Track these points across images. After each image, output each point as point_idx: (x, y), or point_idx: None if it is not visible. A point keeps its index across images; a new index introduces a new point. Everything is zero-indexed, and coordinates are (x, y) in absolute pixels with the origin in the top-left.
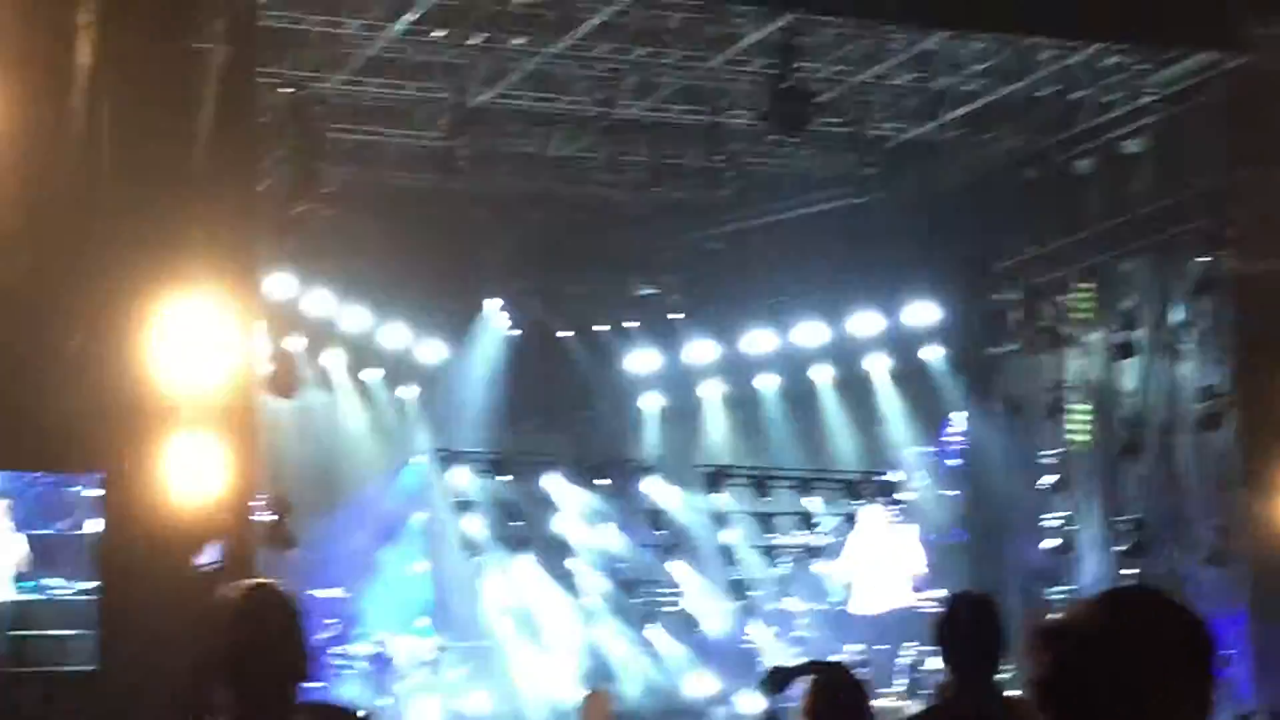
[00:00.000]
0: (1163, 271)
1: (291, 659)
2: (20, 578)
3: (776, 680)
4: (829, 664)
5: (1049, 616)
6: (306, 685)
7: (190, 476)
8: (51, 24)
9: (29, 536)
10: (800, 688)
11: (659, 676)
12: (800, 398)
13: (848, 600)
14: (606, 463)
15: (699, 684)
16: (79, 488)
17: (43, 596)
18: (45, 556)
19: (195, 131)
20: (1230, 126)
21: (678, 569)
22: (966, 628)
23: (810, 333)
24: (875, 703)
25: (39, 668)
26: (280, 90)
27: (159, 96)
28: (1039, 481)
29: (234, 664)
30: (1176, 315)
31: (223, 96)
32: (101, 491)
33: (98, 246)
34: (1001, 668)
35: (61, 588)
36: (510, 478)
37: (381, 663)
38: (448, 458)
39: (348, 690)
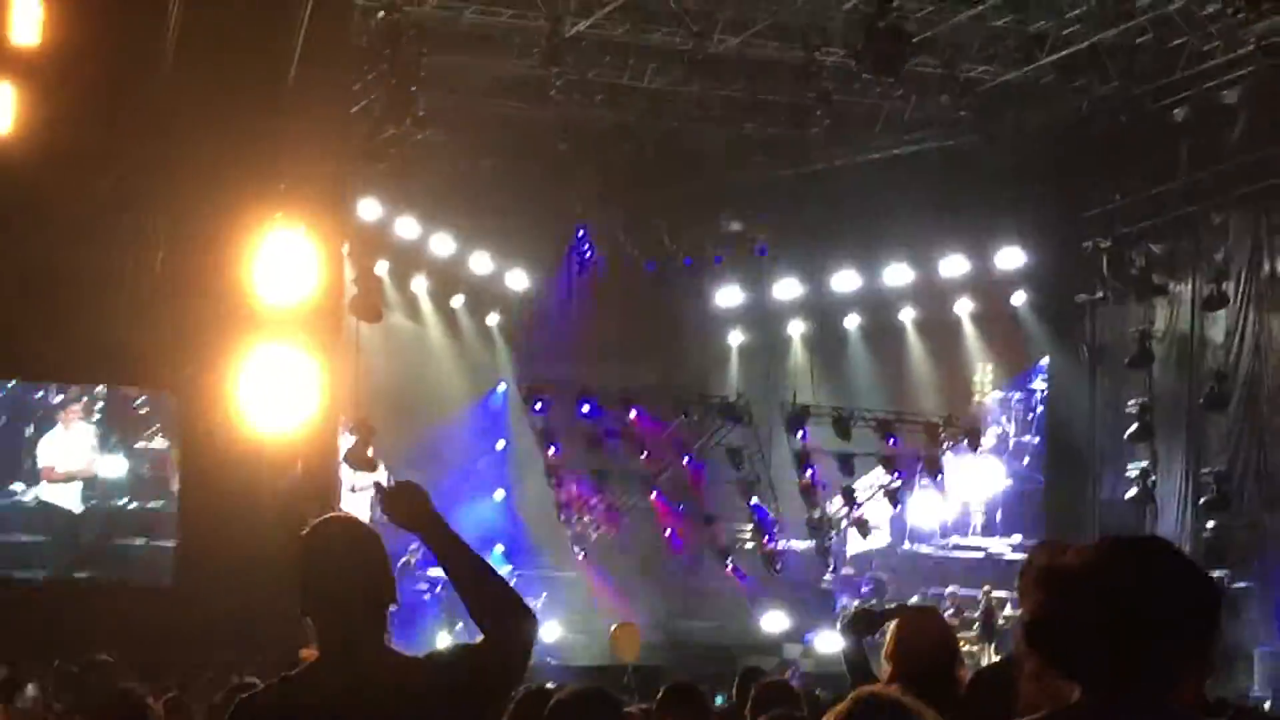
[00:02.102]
0: (1255, 223)
1: (367, 590)
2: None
3: (863, 622)
4: (918, 608)
5: (1050, 555)
6: (390, 612)
7: (273, 395)
8: None
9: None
10: (886, 631)
11: (735, 611)
12: (886, 339)
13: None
14: (690, 398)
15: (774, 620)
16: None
17: (121, 506)
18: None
19: (289, 52)
20: None
21: (758, 507)
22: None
23: (898, 274)
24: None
25: (115, 578)
26: (376, 13)
27: (254, 15)
28: (1123, 431)
29: (313, 598)
30: (1267, 268)
31: (318, 18)
32: (183, 409)
33: (185, 164)
34: None
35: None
36: (591, 409)
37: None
38: (531, 387)
39: (424, 615)
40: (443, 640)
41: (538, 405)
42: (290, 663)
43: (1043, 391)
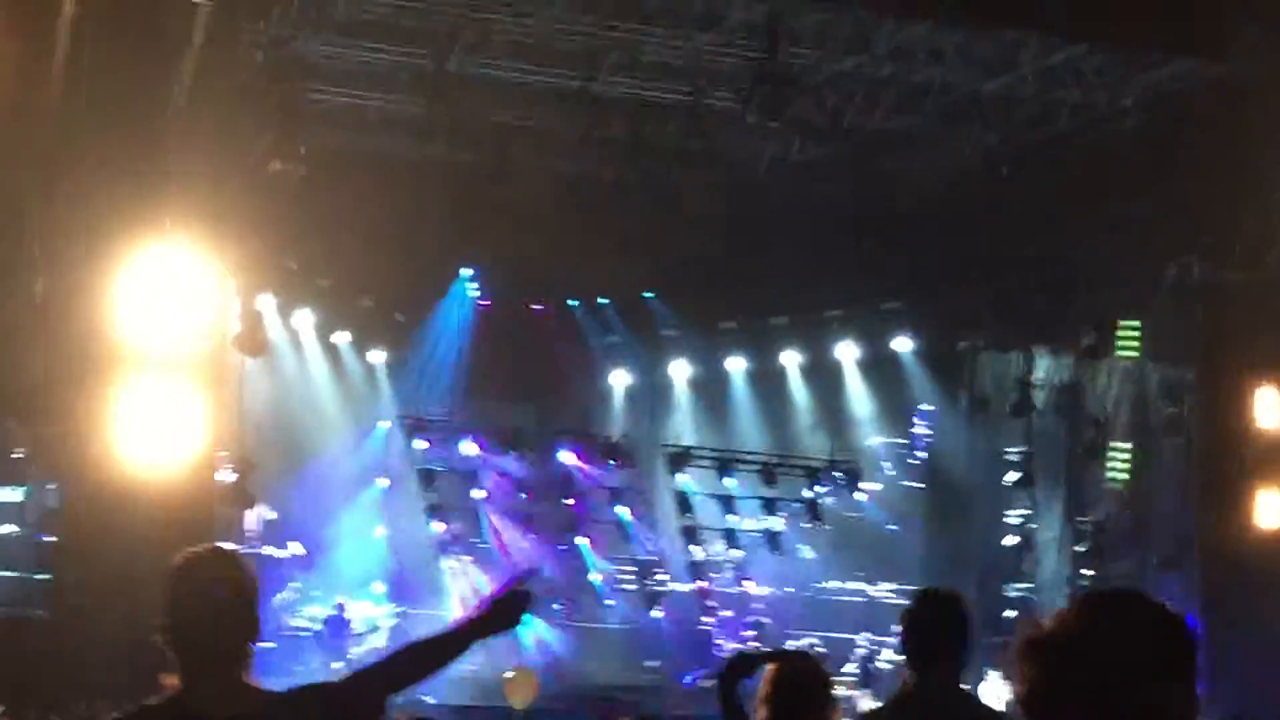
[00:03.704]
0: (1137, 271)
1: (230, 623)
2: None
3: (740, 665)
4: (793, 653)
5: (1032, 627)
6: (253, 648)
7: (153, 429)
8: None
9: None
10: (760, 676)
11: (609, 654)
12: (768, 382)
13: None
14: (572, 437)
15: (651, 664)
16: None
17: None
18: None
19: (175, 84)
20: (1210, 135)
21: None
22: (932, 624)
23: (780, 317)
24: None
25: None
26: (263, 49)
27: (140, 47)
28: (1003, 477)
29: (177, 629)
30: (1146, 319)
31: (204, 51)
32: (60, 443)
33: (68, 194)
34: (964, 665)
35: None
36: (475, 448)
37: (337, 626)
38: (413, 425)
39: (301, 652)
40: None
41: (419, 443)
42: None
43: (924, 437)
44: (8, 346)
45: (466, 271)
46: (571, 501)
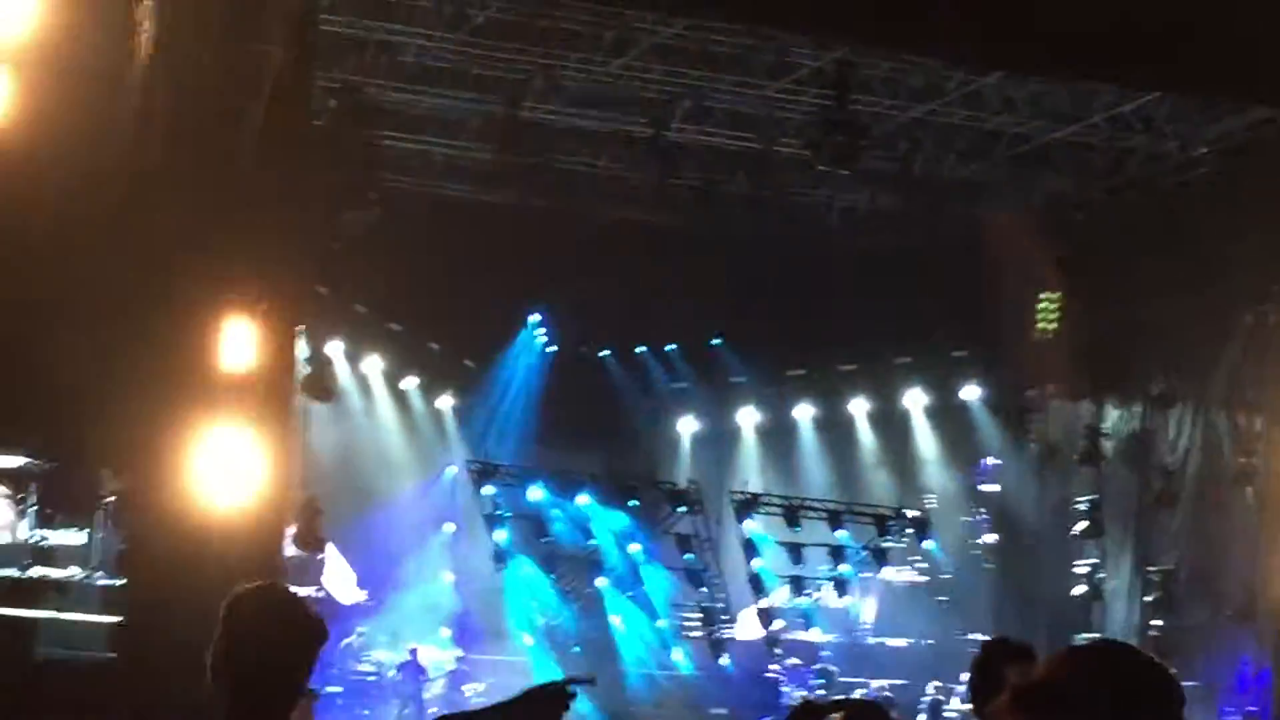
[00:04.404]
0: (1207, 321)
1: (282, 666)
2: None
3: (806, 716)
4: (861, 701)
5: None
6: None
7: (222, 474)
8: (109, 23)
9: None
10: None
11: (676, 702)
12: (836, 430)
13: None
14: (639, 484)
15: (718, 711)
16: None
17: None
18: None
19: (248, 131)
20: None
21: (704, 594)
22: (1001, 672)
23: (848, 365)
24: None
25: (53, 649)
26: (333, 95)
27: (214, 97)
28: (1072, 526)
29: (225, 666)
30: (1219, 368)
31: (277, 98)
32: (131, 485)
33: (141, 239)
34: None
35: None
36: (542, 493)
37: (412, 671)
38: (480, 470)
39: (368, 697)
40: None
41: (487, 488)
42: None
43: (992, 485)
44: (84, 391)
45: (535, 317)
46: (639, 547)
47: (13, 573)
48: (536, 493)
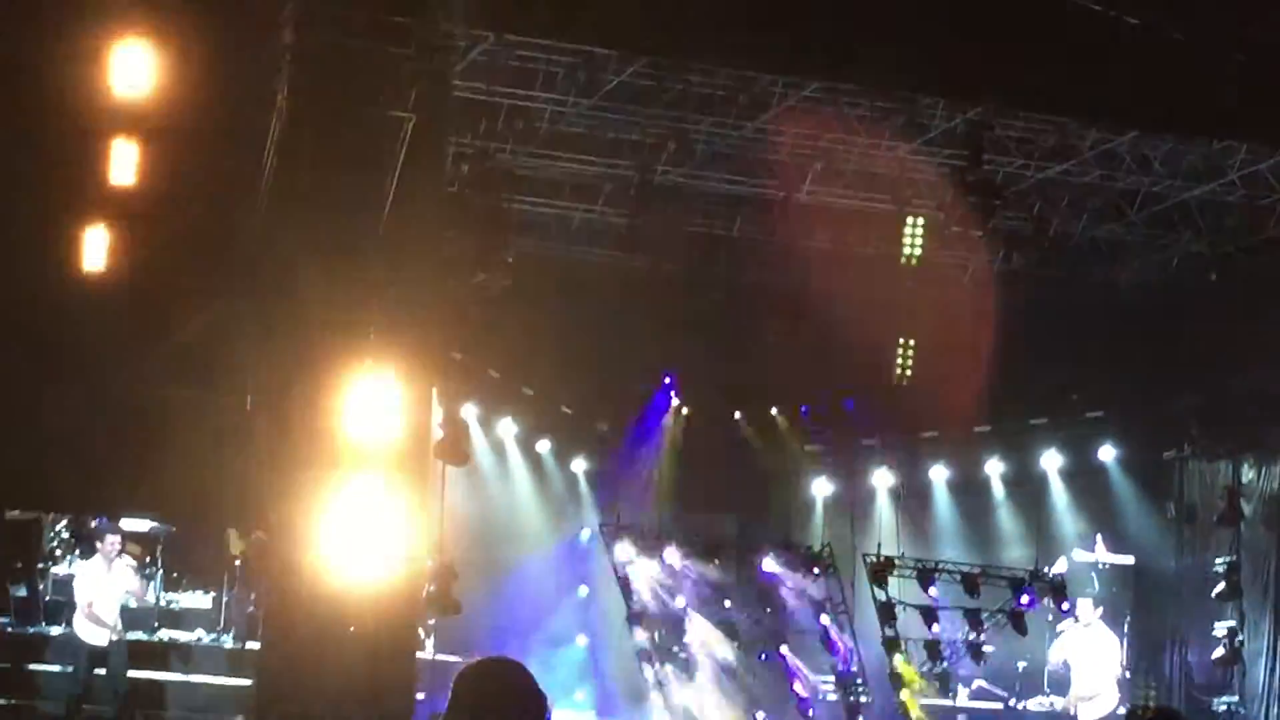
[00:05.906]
0: None
1: None
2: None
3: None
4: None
5: None
6: None
7: (358, 538)
8: (247, 89)
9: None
10: None
11: None
12: (971, 491)
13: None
14: (774, 546)
15: None
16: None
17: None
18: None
19: (382, 196)
20: None
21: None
22: None
23: (982, 426)
24: None
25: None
26: (466, 160)
27: (350, 162)
28: (1210, 589)
29: None
30: None
31: (411, 163)
32: (262, 549)
33: (277, 305)
34: None
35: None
36: (676, 556)
37: None
38: (614, 532)
39: None
40: None
41: (621, 551)
42: None
43: (1130, 548)
44: (222, 454)
45: (667, 380)
46: (772, 611)
47: (141, 635)
48: (671, 555)
